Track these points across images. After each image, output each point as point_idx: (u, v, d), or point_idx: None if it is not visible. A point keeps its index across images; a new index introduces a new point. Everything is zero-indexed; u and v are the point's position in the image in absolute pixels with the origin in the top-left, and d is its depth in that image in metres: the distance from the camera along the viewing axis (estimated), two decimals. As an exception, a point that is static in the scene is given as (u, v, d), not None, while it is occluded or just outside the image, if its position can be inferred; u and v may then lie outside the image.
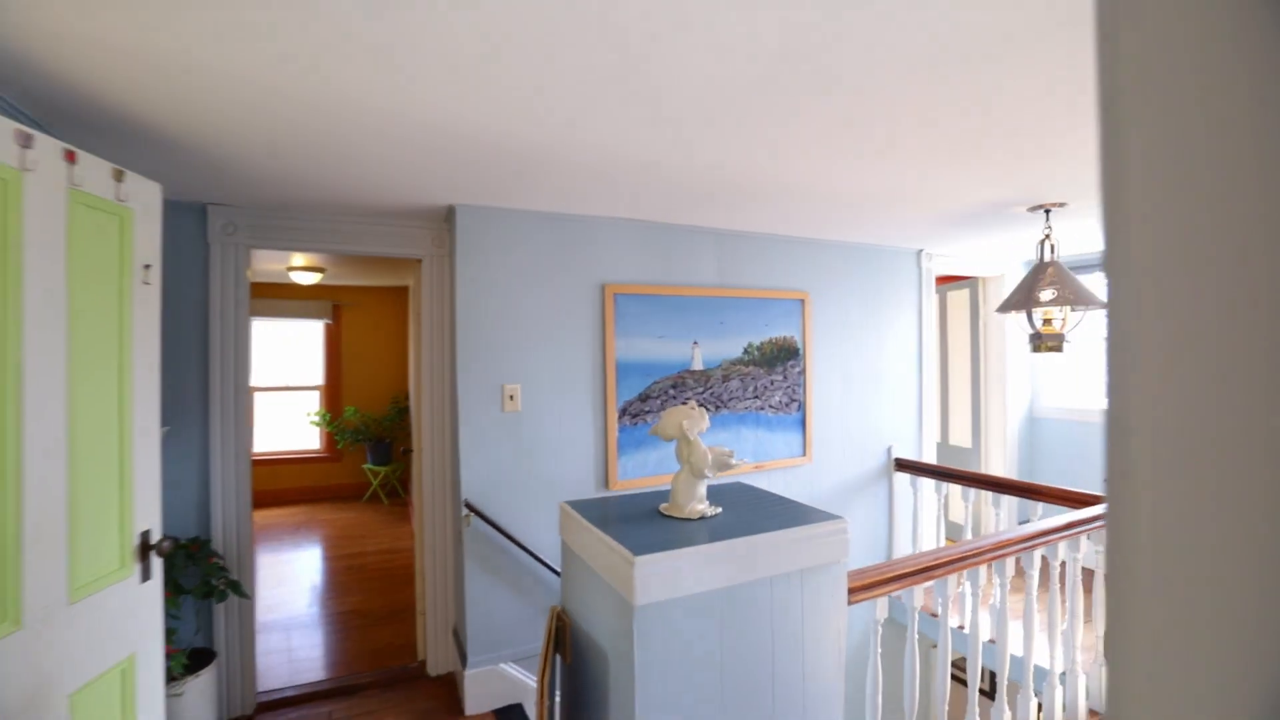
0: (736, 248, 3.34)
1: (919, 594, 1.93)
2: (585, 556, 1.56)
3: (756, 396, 3.38)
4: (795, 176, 2.30)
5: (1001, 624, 2.23)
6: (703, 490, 1.64)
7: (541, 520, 2.82)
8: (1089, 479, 4.31)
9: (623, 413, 2.99)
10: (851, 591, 1.72)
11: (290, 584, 4.44)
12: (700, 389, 3.21)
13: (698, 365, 3.20)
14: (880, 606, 1.84)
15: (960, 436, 4.90)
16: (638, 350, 3.03)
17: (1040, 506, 2.97)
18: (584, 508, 1.68)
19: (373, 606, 3.96)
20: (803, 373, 3.53)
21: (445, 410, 3.02)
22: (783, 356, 3.47)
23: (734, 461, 1.64)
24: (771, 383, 3.42)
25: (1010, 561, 2.16)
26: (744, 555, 1.43)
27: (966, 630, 2.74)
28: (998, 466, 4.61)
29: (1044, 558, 3.02)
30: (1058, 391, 4.64)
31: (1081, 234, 3.49)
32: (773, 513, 1.65)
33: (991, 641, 2.64)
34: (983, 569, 2.09)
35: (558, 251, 2.88)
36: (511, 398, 2.77)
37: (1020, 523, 4.69)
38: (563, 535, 1.75)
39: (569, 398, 2.90)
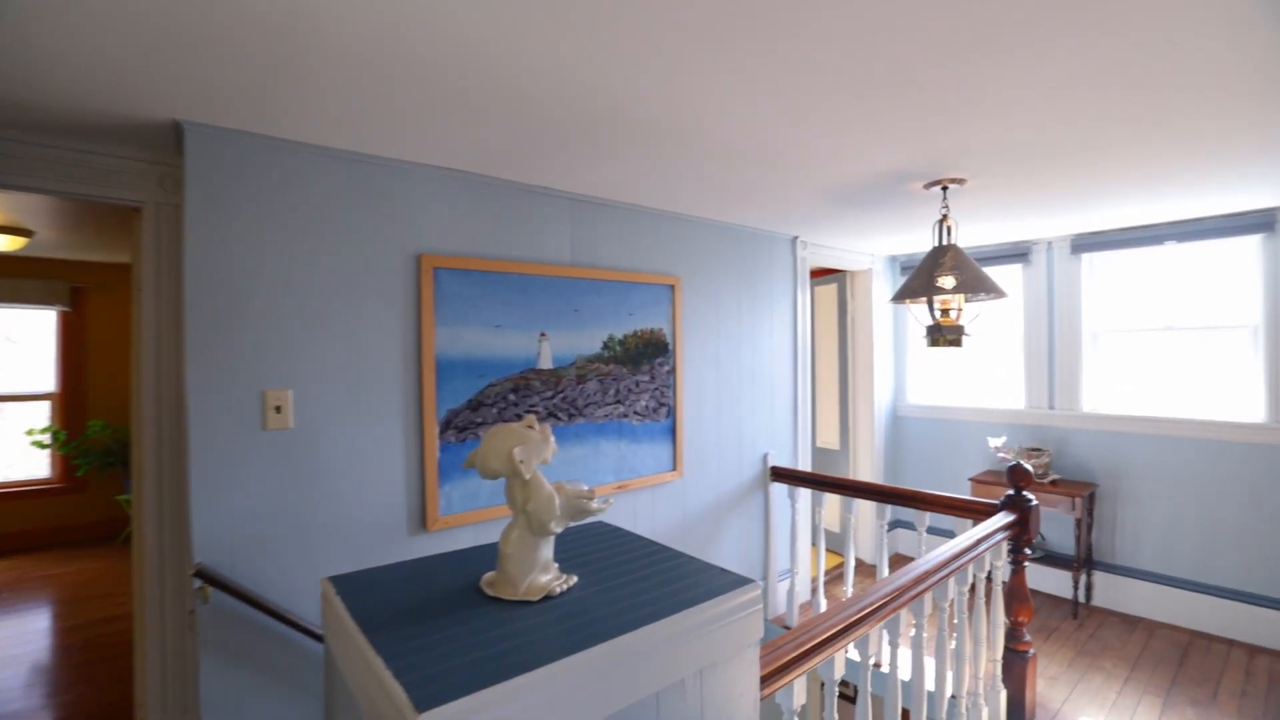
0: (596, 219, 2.81)
1: (838, 662, 1.52)
2: (352, 684, 0.92)
3: (619, 401, 2.87)
4: (664, 107, 1.81)
5: (918, 659, 1.92)
6: (548, 551, 1.07)
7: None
8: (953, 477, 4.40)
9: (446, 426, 2.32)
10: (765, 680, 1.25)
11: (-52, 688, 3.11)
12: (549, 393, 2.62)
13: (546, 363, 2.61)
14: (798, 691, 1.39)
15: (828, 438, 4.83)
16: (467, 343, 2.38)
17: (928, 516, 2.79)
18: (356, 591, 1.04)
19: (93, 703, 2.86)
20: (673, 372, 3.09)
21: (174, 432, 2.14)
22: (650, 353, 3.00)
23: (595, 505, 1.10)
24: (637, 384, 2.94)
25: (928, 597, 1.84)
26: (617, 668, 0.89)
27: (885, 670, 2.45)
28: (865, 468, 4.57)
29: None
30: (921, 389, 4.71)
31: (973, 222, 3.44)
32: (655, 575, 1.13)
33: (901, 675, 2.36)
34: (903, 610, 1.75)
35: (354, 206, 2.14)
36: (278, 409, 1.99)
37: (890, 527, 4.70)
38: (325, 635, 1.10)
39: (369, 407, 2.17)
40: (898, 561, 4.55)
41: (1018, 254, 4.06)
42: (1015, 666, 2.51)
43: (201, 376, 1.86)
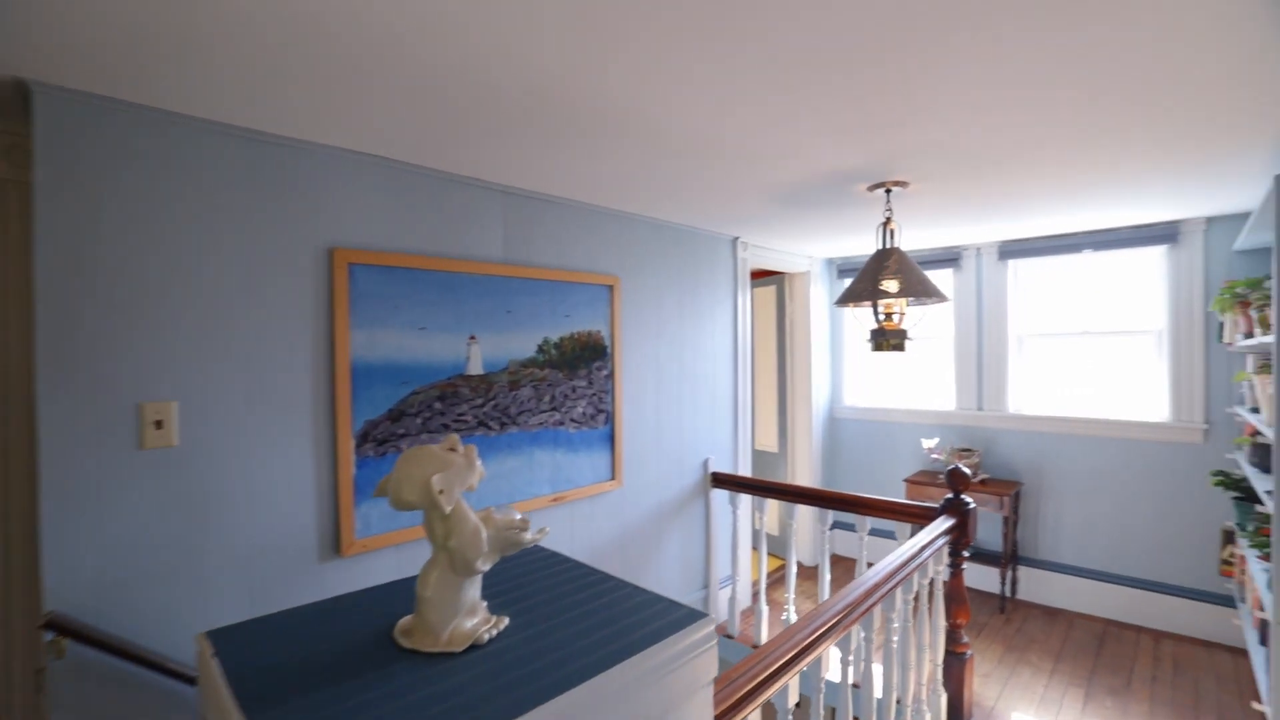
0: (530, 214, 2.65)
1: (792, 689, 1.43)
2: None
3: (555, 408, 2.73)
4: (605, 95, 1.70)
5: (866, 668, 1.88)
6: (474, 591, 0.93)
7: (227, 621, 1.82)
8: (889, 477, 4.48)
9: (364, 438, 2.11)
10: (718, 718, 1.14)
11: None
12: (479, 401, 2.45)
13: (476, 368, 2.44)
14: (752, 726, 1.30)
15: (767, 440, 4.83)
16: (387, 348, 2.17)
17: (869, 521, 2.79)
18: (241, 647, 0.86)
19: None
20: (611, 376, 2.97)
21: (24, 453, 1.83)
22: (588, 356, 2.87)
23: (529, 536, 0.97)
24: (574, 390, 2.80)
25: (877, 610, 1.80)
26: (557, 737, 0.76)
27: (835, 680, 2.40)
28: (804, 470, 4.60)
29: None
30: (857, 391, 4.79)
31: (912, 227, 3.48)
32: (598, 611, 1.01)
33: (856, 686, 2.33)
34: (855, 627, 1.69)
35: (253, 192, 1.91)
36: (159, 424, 1.73)
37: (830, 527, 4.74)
38: (199, 709, 0.91)
39: (271, 419, 1.93)
40: (838, 561, 4.61)
41: (949, 259, 4.18)
42: (954, 668, 2.54)
43: (56, 386, 1.59)
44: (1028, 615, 3.73)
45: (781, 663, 1.32)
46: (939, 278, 4.28)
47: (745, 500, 3.60)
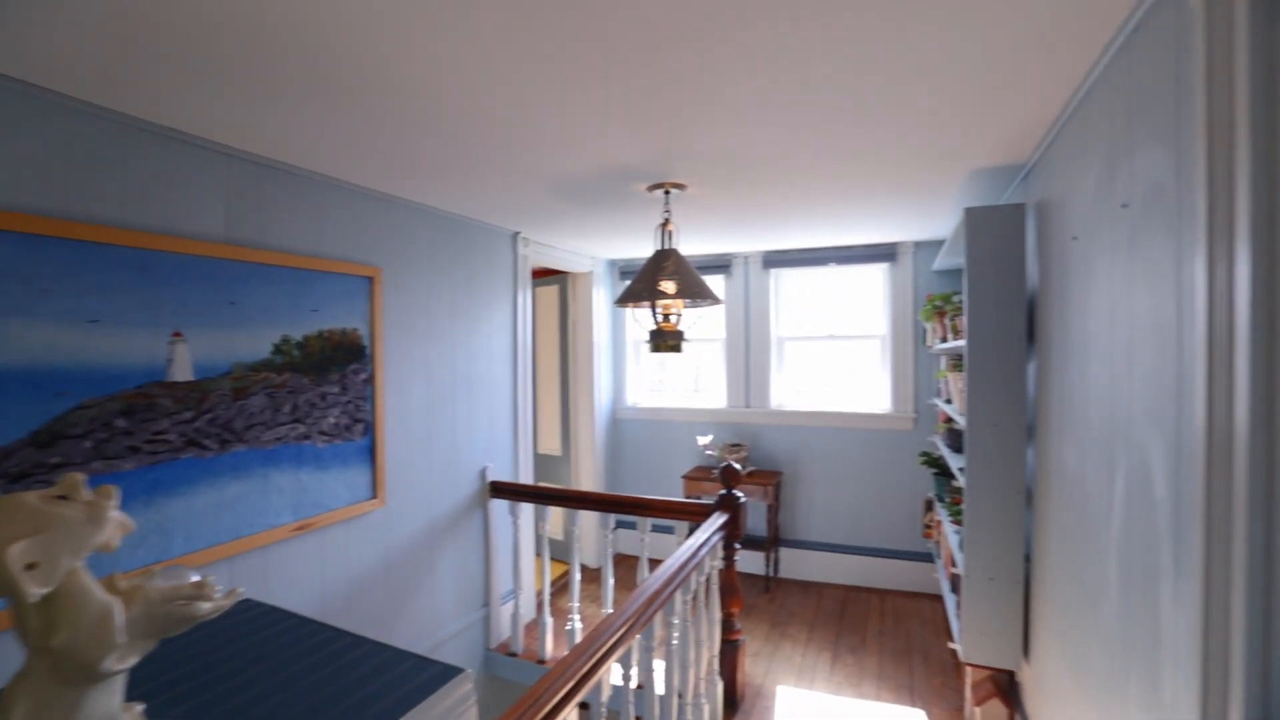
0: (265, 186, 2.20)
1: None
2: None
3: (299, 419, 2.30)
4: (356, 40, 1.44)
5: (648, 669, 1.85)
6: (110, 703, 0.65)
7: None
8: (669, 474, 4.68)
9: (-12, 474, 1.53)
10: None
11: None
12: (188, 414, 1.96)
13: (183, 373, 1.94)
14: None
15: (550, 444, 4.74)
16: (31, 346, 1.61)
17: (650, 521, 2.83)
18: None
19: None
20: (371, 380, 2.61)
21: None
22: (341, 358, 2.48)
23: (206, 607, 0.71)
24: (324, 397, 2.40)
25: (658, 618, 1.78)
26: None
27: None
28: (588, 473, 4.60)
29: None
30: (638, 392, 4.93)
31: (691, 231, 3.61)
32: (324, 685, 0.79)
33: (640, 688, 2.30)
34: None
35: None
36: None
37: (614, 526, 4.79)
38: None
39: None
40: (622, 561, 4.69)
41: (722, 265, 4.50)
42: (729, 656, 2.68)
43: None
44: (789, 592, 4.17)
45: (559, 698, 1.20)
46: (713, 283, 4.59)
47: (527, 509, 3.46)
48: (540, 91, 1.65)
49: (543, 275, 4.78)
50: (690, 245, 4.11)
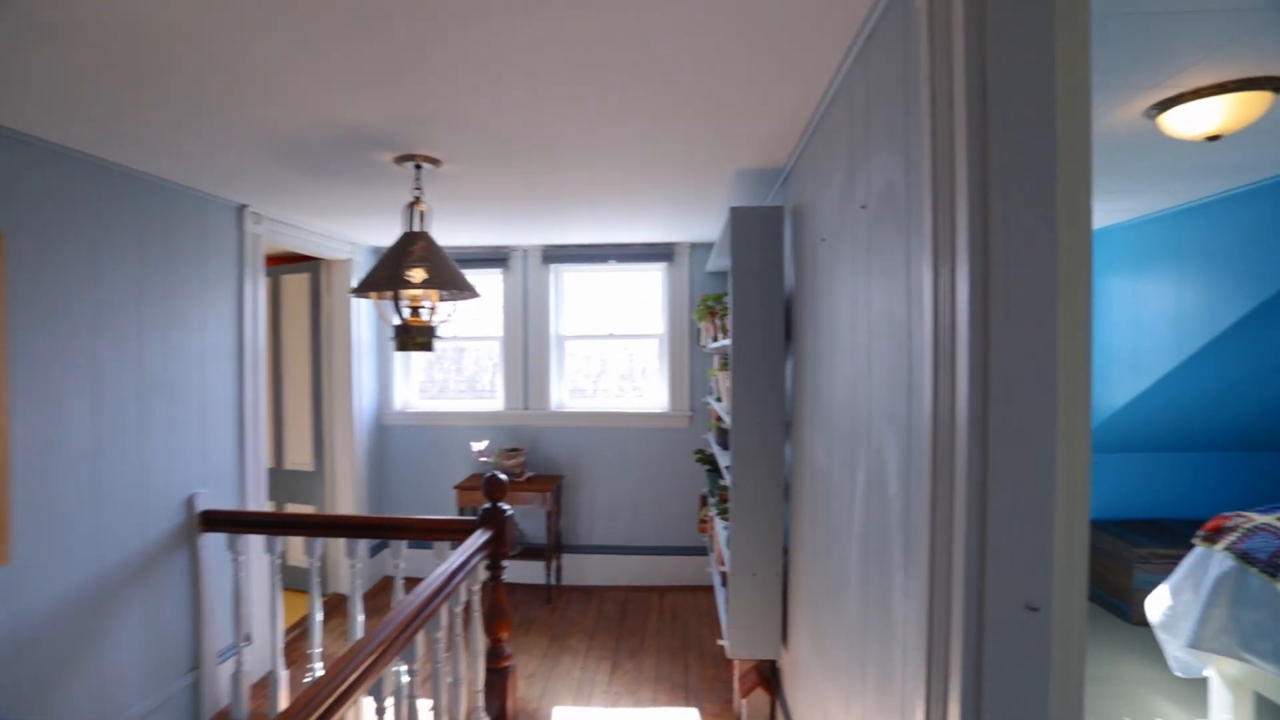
0: None
1: None
2: None
3: None
4: None
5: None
6: None
7: None
8: (442, 485, 4.27)
9: None
10: None
11: None
12: None
13: None
14: None
15: (300, 458, 4.06)
16: None
17: (404, 545, 2.47)
18: None
19: None
20: (-5, 389, 1.89)
21: None
22: (-69, 357, 1.74)
23: None
24: (-105, 414, 1.66)
25: (387, 672, 1.48)
26: None
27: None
28: (347, 488, 4.01)
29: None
30: (406, 395, 4.44)
31: (455, 218, 3.25)
32: None
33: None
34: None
35: None
36: None
37: (374, 549, 4.24)
38: None
39: None
40: (385, 587, 4.16)
41: (498, 259, 4.22)
42: (497, 685, 2.43)
43: None
44: (570, 600, 4.03)
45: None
46: (489, 277, 4.29)
47: (256, 541, 2.85)
48: (236, 20, 1.25)
49: (288, 261, 4.07)
50: (460, 234, 3.77)
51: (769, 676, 2.57)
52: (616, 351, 4.35)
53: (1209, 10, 1.32)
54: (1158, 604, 2.47)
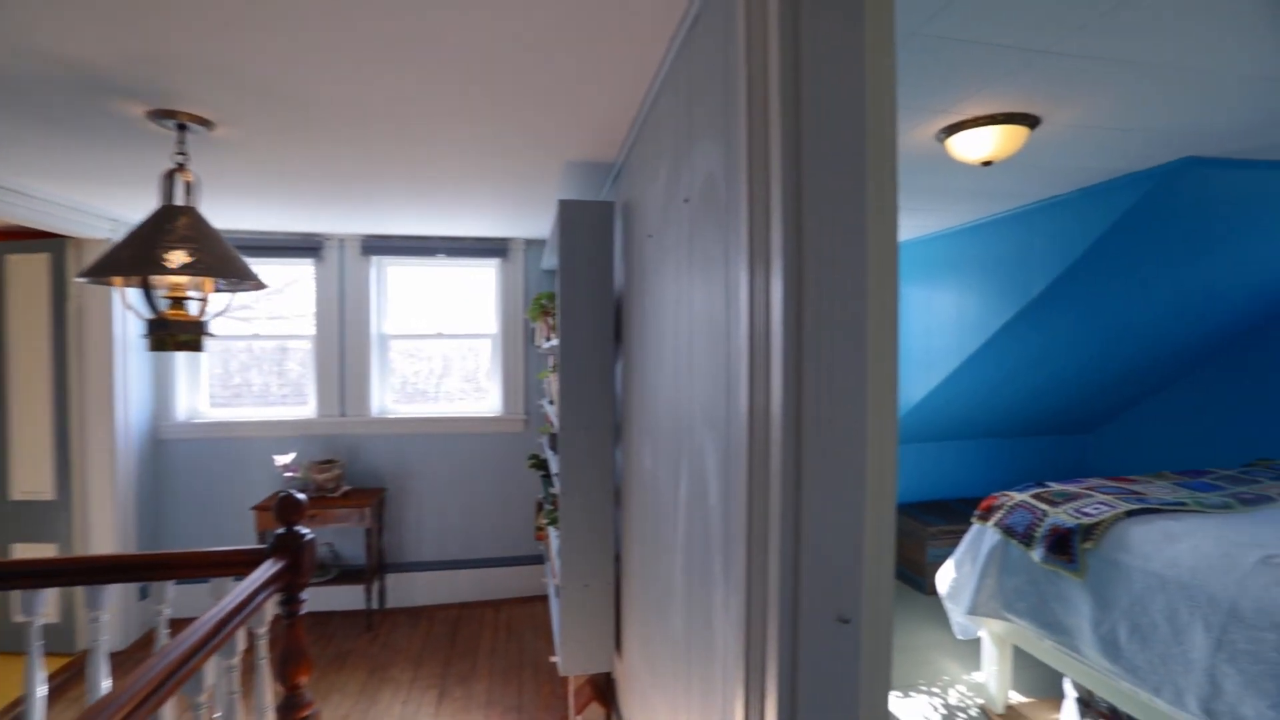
0: None
1: None
2: None
3: None
4: None
5: None
6: None
7: None
8: (238, 507, 3.67)
9: None
10: None
11: None
12: None
13: None
14: None
15: (36, 484, 3.27)
16: None
17: (168, 587, 2.03)
18: None
19: None
20: None
21: None
22: None
23: None
24: None
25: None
26: None
27: None
28: (104, 519, 3.31)
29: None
30: (192, 402, 3.77)
31: (245, 196, 2.77)
32: None
33: None
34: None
35: None
36: None
37: (143, 597, 3.57)
38: None
39: None
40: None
41: (309, 247, 3.73)
42: (290, 741, 2.08)
43: None
44: (395, 624, 3.67)
45: None
46: (298, 268, 3.78)
47: (-46, 597, 2.21)
48: None
49: (17, 237, 3.26)
50: (257, 216, 3.27)
51: (604, 689, 2.49)
52: (449, 352, 4.05)
53: (985, 43, 1.44)
54: (945, 577, 2.76)
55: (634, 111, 1.84)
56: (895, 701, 2.75)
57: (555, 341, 2.68)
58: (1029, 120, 1.84)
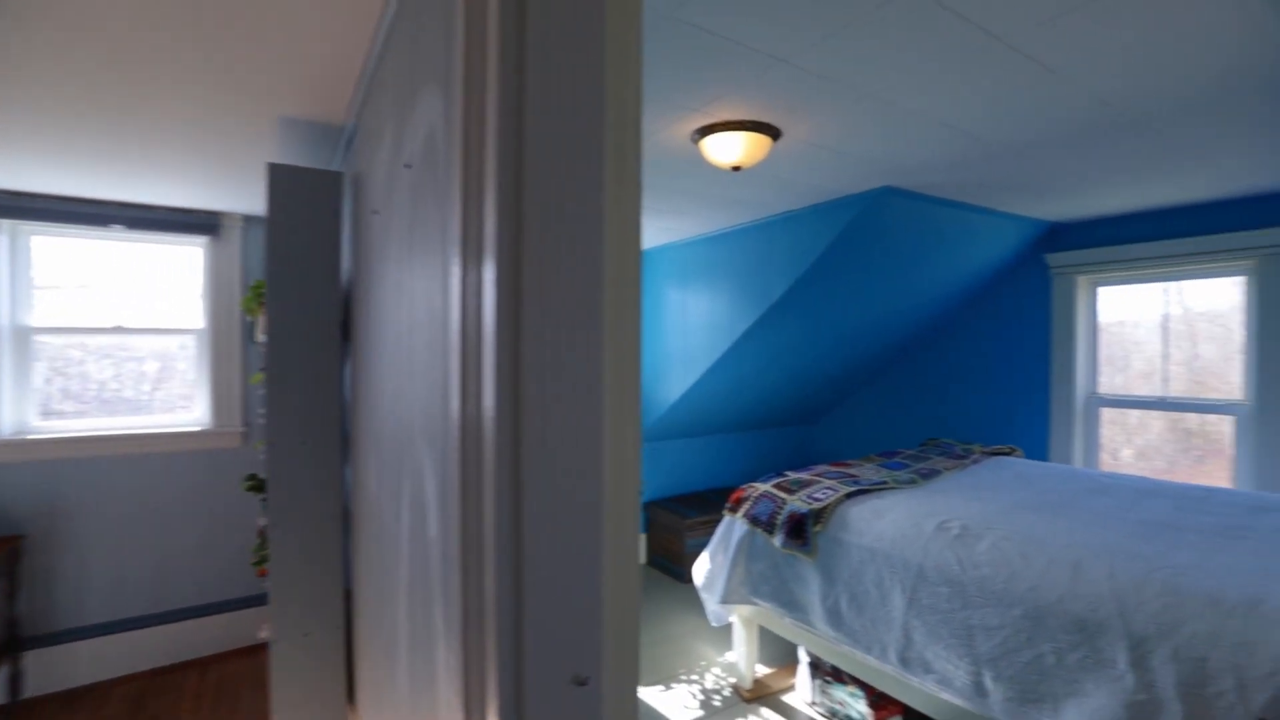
0: None
1: None
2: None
3: None
4: None
5: None
6: None
7: None
8: None
9: None
10: None
11: None
12: None
13: None
14: None
15: None
16: None
17: None
18: None
19: None
20: None
21: None
22: None
23: None
24: None
25: None
26: None
27: None
28: None
29: None
30: None
31: None
32: None
33: None
34: None
35: None
36: None
37: None
38: None
39: None
40: None
41: (-117, 202, 2.61)
42: None
43: None
44: (44, 718, 2.73)
45: None
46: None
47: None
48: None
49: None
50: None
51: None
52: (131, 350, 3.16)
53: (734, 40, 1.44)
54: (700, 569, 2.86)
55: (361, 61, 1.53)
56: (657, 694, 2.78)
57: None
58: (771, 131, 1.93)
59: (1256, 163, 2.41)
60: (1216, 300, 3.18)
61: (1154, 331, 3.37)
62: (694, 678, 2.93)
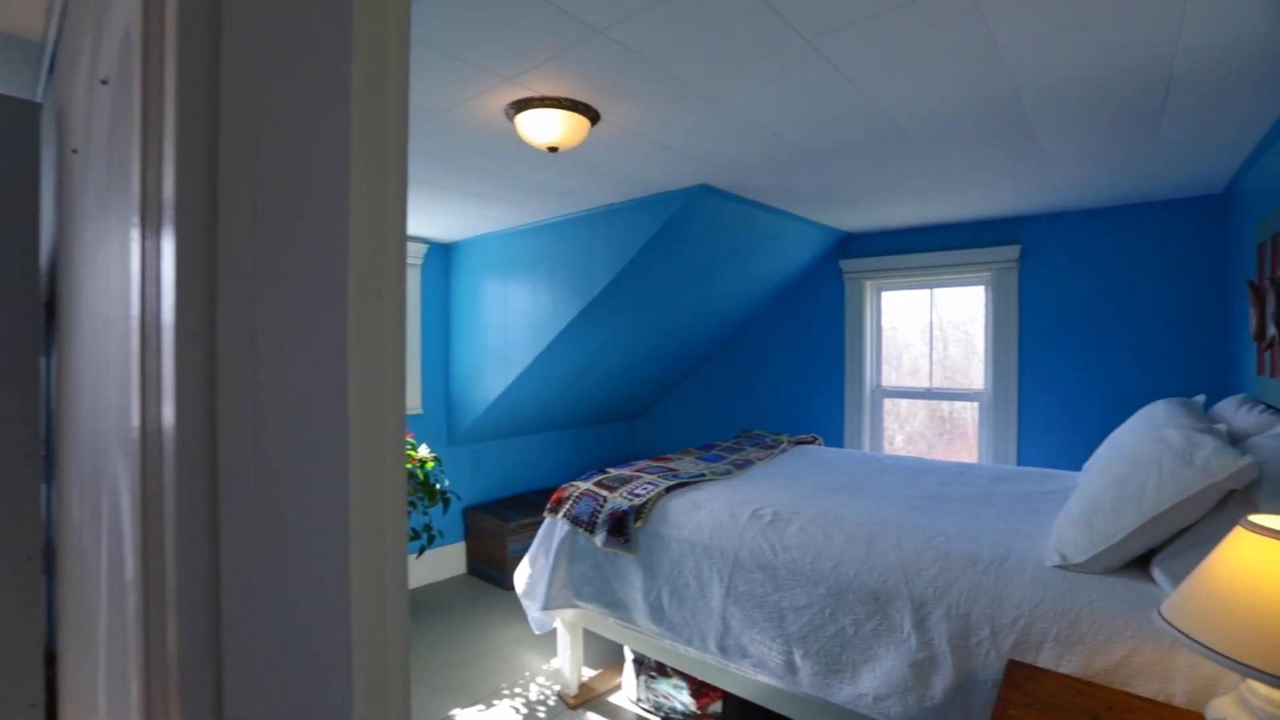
0: None
1: None
2: None
3: None
4: None
5: None
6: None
7: None
8: None
9: None
10: None
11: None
12: None
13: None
14: None
15: None
16: None
17: None
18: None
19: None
20: None
21: None
22: None
23: None
24: None
25: None
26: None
27: None
28: None
29: None
30: None
31: None
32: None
33: None
34: None
35: None
36: None
37: None
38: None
39: None
40: None
41: None
42: None
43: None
44: None
45: None
46: None
47: None
48: None
49: None
50: None
51: None
52: None
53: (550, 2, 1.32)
54: (521, 575, 2.71)
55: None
56: (476, 716, 2.58)
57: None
58: (590, 112, 1.85)
59: (994, 192, 2.85)
60: (961, 310, 3.78)
61: (919, 335, 3.91)
62: (517, 690, 2.77)
